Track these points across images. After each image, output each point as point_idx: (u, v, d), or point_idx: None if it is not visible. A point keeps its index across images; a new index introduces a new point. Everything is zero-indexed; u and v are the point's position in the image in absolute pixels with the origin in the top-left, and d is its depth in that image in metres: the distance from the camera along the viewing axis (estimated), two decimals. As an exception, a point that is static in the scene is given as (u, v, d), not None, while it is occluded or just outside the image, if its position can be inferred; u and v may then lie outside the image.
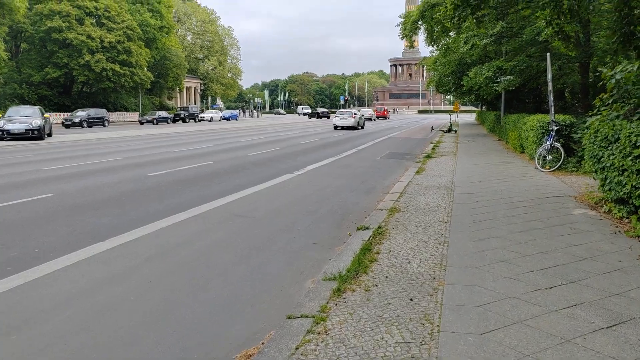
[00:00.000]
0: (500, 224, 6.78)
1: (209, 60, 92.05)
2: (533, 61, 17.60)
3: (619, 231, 6.21)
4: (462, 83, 27.23)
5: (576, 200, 8.43)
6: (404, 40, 29.92)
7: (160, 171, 12.74)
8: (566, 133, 12.89)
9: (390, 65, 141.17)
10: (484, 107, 53.56)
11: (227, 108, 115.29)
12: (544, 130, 13.41)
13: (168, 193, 9.80)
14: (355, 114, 38.89)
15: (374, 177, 12.48)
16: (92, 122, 42.69)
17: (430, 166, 13.89)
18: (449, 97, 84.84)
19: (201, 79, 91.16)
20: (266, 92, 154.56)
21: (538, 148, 13.72)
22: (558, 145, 12.30)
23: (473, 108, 79.97)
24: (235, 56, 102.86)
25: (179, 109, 64.25)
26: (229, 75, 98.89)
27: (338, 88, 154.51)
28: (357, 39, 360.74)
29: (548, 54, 13.14)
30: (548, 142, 12.55)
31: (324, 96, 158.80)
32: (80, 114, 42.59)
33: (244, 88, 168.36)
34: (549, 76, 12.96)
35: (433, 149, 19.70)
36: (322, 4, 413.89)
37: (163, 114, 54.10)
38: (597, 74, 16.52)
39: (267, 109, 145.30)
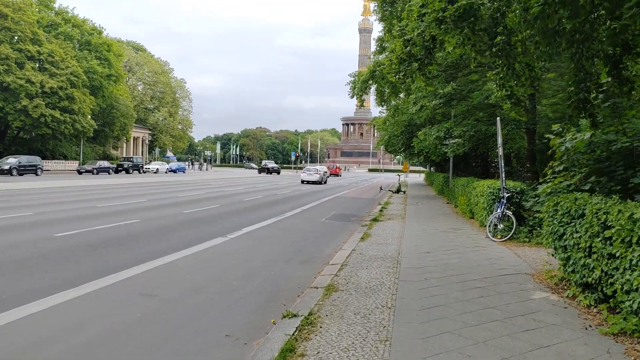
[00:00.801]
0: (454, 312, 5.71)
1: (159, 111, 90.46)
2: (482, 125, 17.39)
3: (590, 326, 5.25)
4: (411, 144, 27.08)
5: (534, 279, 7.53)
6: (355, 99, 29.78)
7: (71, 231, 11.11)
8: (517, 200, 12.32)
9: (342, 124, 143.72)
10: (432, 168, 54.30)
11: (178, 160, 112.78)
12: (494, 197, 12.82)
13: (66, 261, 8.25)
14: (319, 170, 43.75)
15: (315, 244, 11.33)
16: (23, 170, 39.89)
17: (376, 231, 12.92)
18: (398, 157, 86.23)
19: (150, 130, 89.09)
20: (218, 145, 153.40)
21: (489, 215, 13.07)
22: (509, 213, 11.64)
23: (422, 168, 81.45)
24: (187, 108, 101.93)
25: (122, 159, 61.75)
26: (180, 127, 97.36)
27: (291, 144, 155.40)
28: (311, 98, 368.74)
29: (498, 118, 12.75)
30: (499, 210, 11.90)
31: (276, 151, 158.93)
32: (11, 161, 39.76)
33: (196, 140, 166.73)
34: (499, 140, 12.50)
35: (381, 210, 18.87)
36: (277, 64, 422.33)
37: (104, 163, 51.58)
38: (545, 140, 16.31)
39: (218, 162, 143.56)
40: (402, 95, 29.32)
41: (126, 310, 5.84)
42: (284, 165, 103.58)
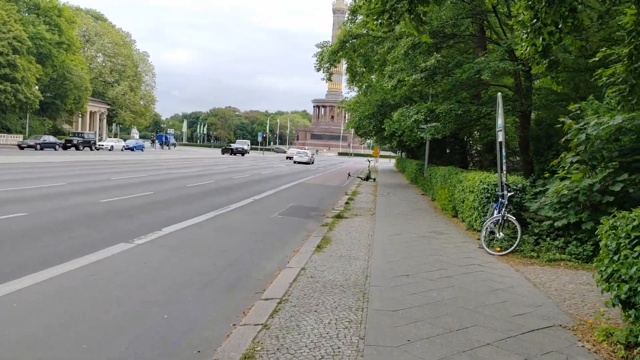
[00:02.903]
0: None
1: (119, 84, 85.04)
2: (470, 105, 14.56)
3: None
4: (383, 127, 24.22)
5: (579, 338, 4.71)
6: (326, 82, 26.65)
7: None
8: (518, 200, 9.57)
9: (313, 106, 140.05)
10: (403, 154, 51.74)
11: (142, 137, 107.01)
12: (489, 195, 10.03)
13: None
14: (308, 153, 52.29)
15: (254, 254, 8.33)
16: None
17: (339, 234, 10.00)
18: (369, 141, 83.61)
19: (109, 104, 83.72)
20: (185, 124, 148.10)
21: (480, 217, 10.34)
22: (512, 219, 8.85)
23: (392, 154, 78.91)
24: (150, 83, 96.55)
25: (72, 134, 56.98)
26: (142, 102, 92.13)
27: (260, 124, 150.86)
28: (283, 79, 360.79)
29: (499, 94, 9.87)
30: (498, 214, 9.11)
31: (245, 132, 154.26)
32: None
33: (164, 118, 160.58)
34: (500, 122, 9.64)
35: (347, 203, 15.97)
36: (251, 42, 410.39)
37: (50, 138, 47.09)
38: (542, 127, 13.34)
39: (184, 141, 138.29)
40: (374, 77, 26.40)
41: None
42: (254, 147, 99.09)
